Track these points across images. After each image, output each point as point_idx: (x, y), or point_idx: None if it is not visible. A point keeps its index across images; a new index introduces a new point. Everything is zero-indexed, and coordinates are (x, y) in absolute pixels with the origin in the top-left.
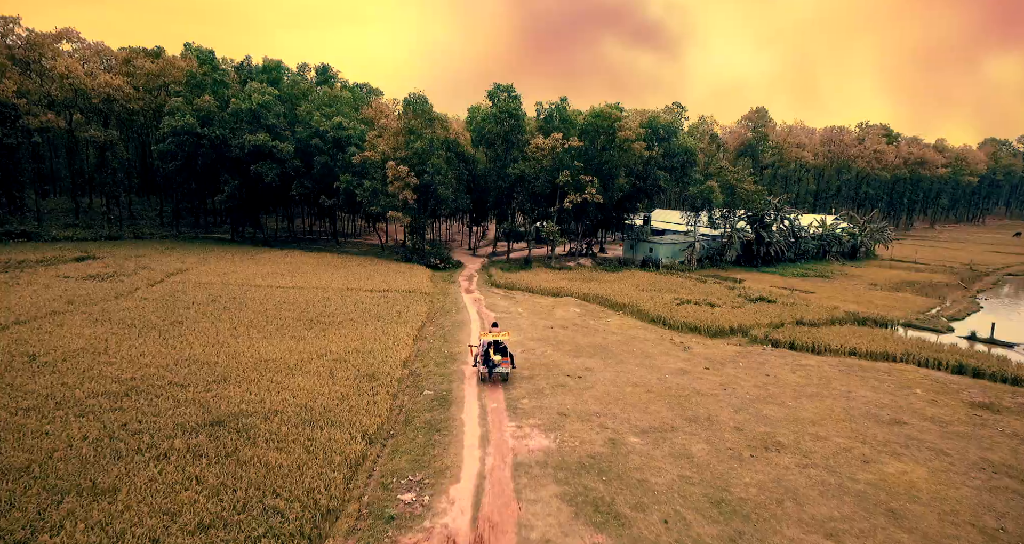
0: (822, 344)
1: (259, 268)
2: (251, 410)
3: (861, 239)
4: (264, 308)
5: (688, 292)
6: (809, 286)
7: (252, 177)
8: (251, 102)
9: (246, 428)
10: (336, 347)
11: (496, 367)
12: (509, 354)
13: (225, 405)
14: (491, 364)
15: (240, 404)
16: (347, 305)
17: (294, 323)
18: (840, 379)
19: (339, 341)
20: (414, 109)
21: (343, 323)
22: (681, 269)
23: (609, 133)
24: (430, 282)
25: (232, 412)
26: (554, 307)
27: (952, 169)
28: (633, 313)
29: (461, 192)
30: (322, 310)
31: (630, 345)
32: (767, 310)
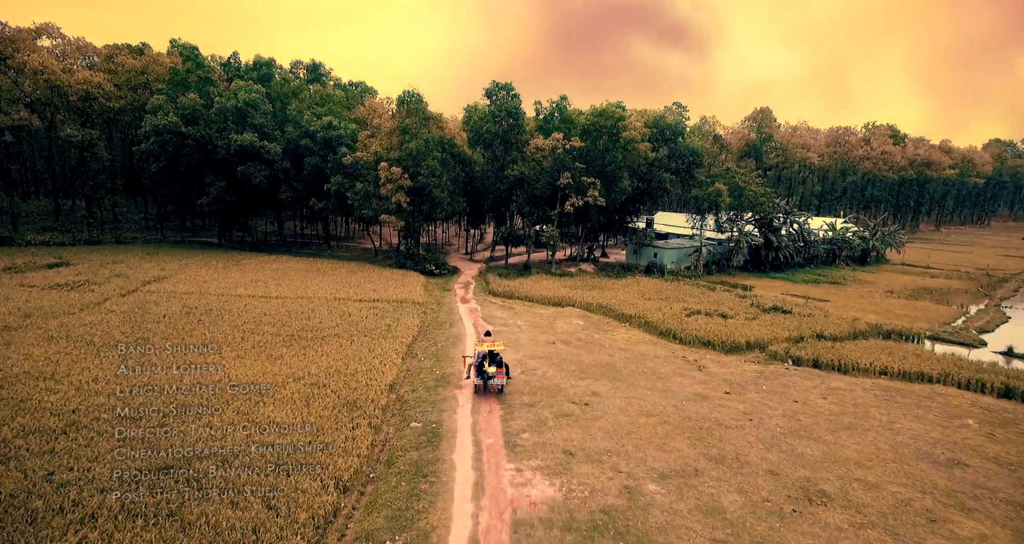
0: (849, 362)
1: (243, 275)
2: (208, 450)
3: (872, 243)
4: (242, 321)
5: (697, 301)
6: (822, 293)
7: (239, 179)
8: (237, 100)
9: (198, 476)
10: (316, 368)
11: (491, 379)
12: (505, 365)
13: (179, 444)
14: (486, 376)
15: (196, 442)
16: (333, 318)
17: (272, 339)
18: (878, 406)
19: (320, 360)
20: (408, 108)
21: (327, 339)
22: (687, 275)
23: (612, 133)
24: (424, 290)
25: (185, 454)
26: (555, 319)
27: (960, 170)
28: (640, 325)
29: (457, 195)
30: (305, 324)
31: (640, 363)
32: (783, 322)
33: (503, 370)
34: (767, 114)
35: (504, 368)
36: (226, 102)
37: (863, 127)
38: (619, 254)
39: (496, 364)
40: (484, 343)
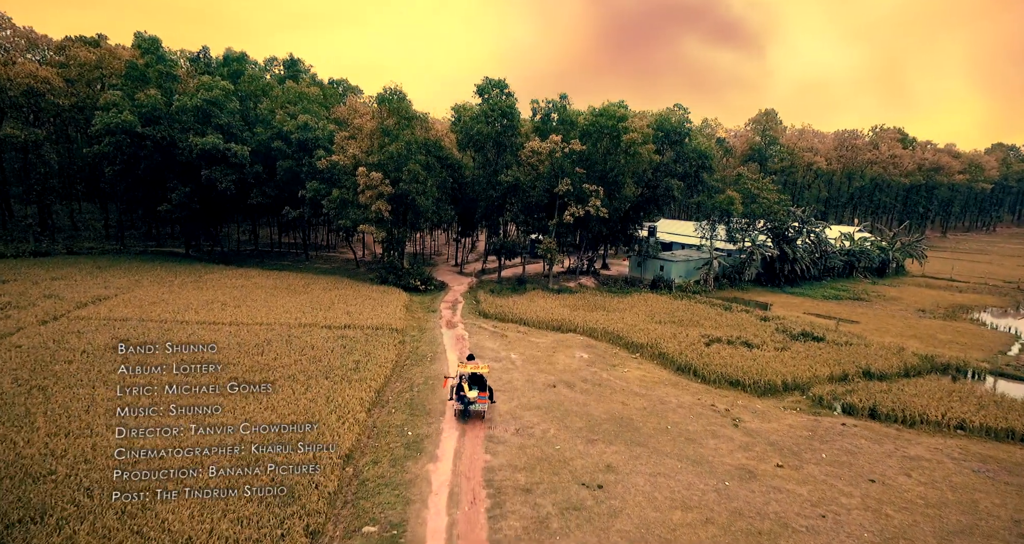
0: (913, 411)
1: (199, 295)
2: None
3: (892, 254)
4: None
5: (714, 324)
6: (848, 312)
7: (204, 184)
8: (198, 98)
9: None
10: (252, 433)
11: (472, 404)
12: (488, 388)
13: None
14: (467, 401)
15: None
16: (291, 353)
17: (208, 386)
18: (984, 489)
19: (262, 416)
20: (390, 107)
21: (278, 383)
22: (696, 291)
23: (614, 135)
24: (405, 312)
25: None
26: (555, 350)
27: (969, 175)
28: (654, 357)
29: (444, 202)
30: (254, 362)
31: (661, 416)
32: (819, 353)
33: (486, 394)
34: (772, 116)
35: (487, 392)
36: (187, 100)
37: (870, 130)
38: (621, 265)
39: (479, 387)
40: (467, 365)
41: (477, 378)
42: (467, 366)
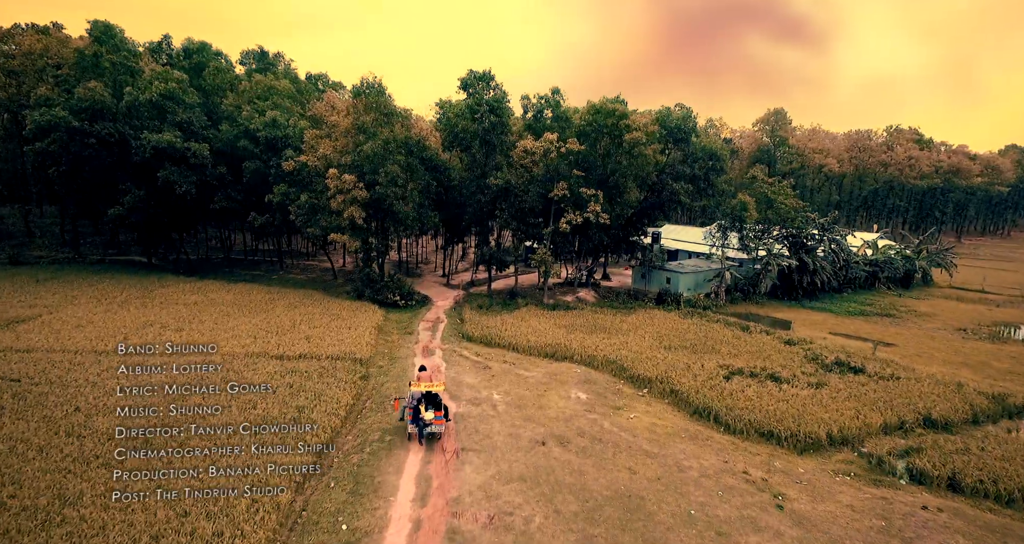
0: (1007, 482)
1: (141, 314)
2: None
3: (919, 263)
4: (65, 411)
5: (732, 350)
6: (881, 333)
7: (161, 187)
8: (152, 92)
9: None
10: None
11: (427, 426)
12: (444, 407)
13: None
14: (422, 424)
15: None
16: (219, 397)
17: (92, 450)
18: None
19: (143, 514)
20: (367, 101)
21: (182, 448)
22: (707, 306)
23: (614, 135)
24: (376, 335)
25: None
26: (547, 388)
27: (988, 178)
28: (665, 395)
29: (428, 207)
30: (163, 418)
31: (680, 493)
32: (861, 390)
33: (442, 413)
34: (781, 116)
35: (443, 411)
36: (139, 94)
37: (883, 130)
38: (623, 275)
39: (435, 406)
40: (420, 382)
41: (431, 397)
42: (420, 384)
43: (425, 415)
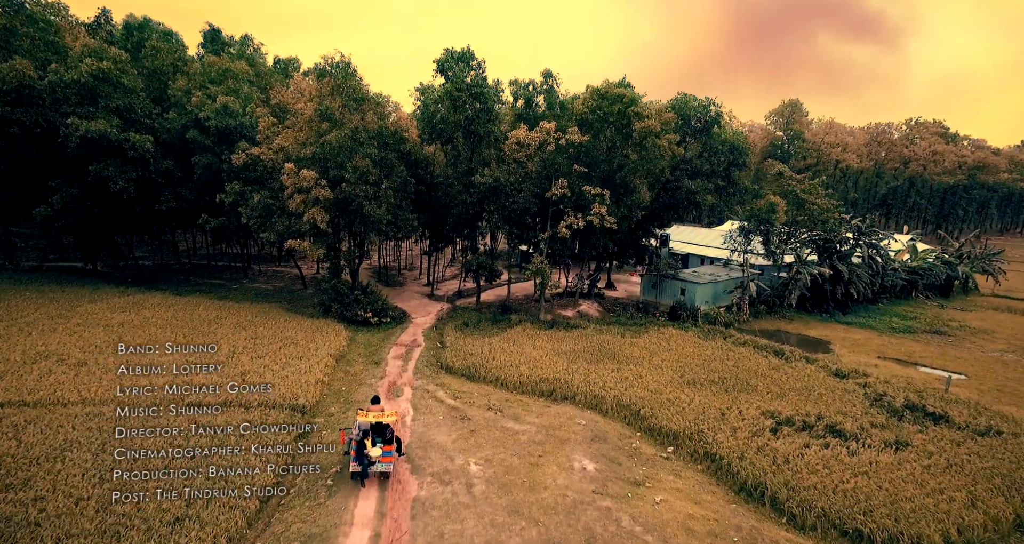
0: None
1: (40, 340)
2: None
3: (962, 270)
4: None
5: (771, 385)
6: (939, 357)
7: (94, 183)
8: (82, 71)
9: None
10: None
11: (373, 464)
12: (397, 439)
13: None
14: (367, 462)
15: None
16: (88, 479)
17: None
18: None
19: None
20: (333, 84)
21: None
22: (729, 322)
23: (622, 124)
24: (333, 367)
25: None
26: (542, 451)
27: (1015, 173)
28: (698, 459)
29: (406, 209)
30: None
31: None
32: (957, 452)
33: (392, 448)
34: (796, 108)
35: (395, 444)
36: (64, 73)
37: (904, 123)
38: (629, 283)
39: (384, 441)
40: (369, 413)
41: (381, 429)
42: (369, 414)
43: (371, 451)
